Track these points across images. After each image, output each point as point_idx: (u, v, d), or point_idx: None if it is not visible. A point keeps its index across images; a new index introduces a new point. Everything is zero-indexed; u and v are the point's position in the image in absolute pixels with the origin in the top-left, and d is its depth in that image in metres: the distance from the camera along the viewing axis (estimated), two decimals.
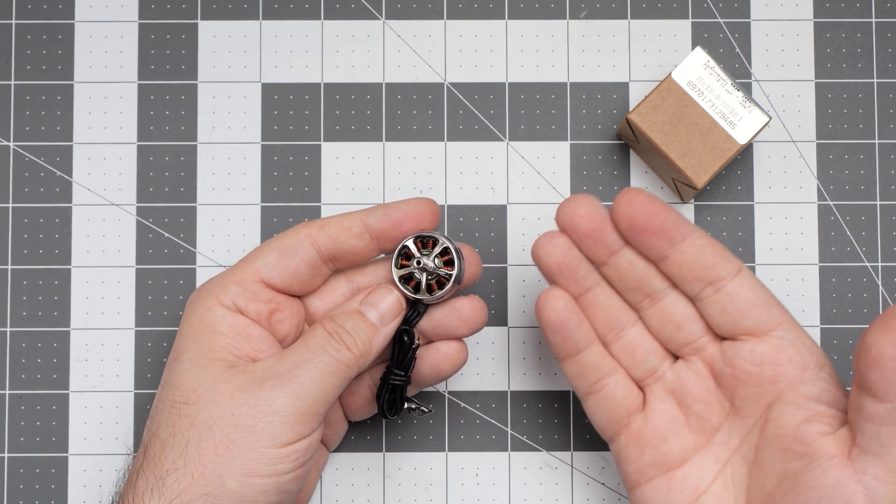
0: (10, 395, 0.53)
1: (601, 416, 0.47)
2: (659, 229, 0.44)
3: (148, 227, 0.54)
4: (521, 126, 0.55)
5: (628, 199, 0.44)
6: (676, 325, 0.46)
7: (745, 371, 0.44)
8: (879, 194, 0.54)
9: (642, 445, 0.46)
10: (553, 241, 0.45)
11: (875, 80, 0.55)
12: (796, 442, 0.43)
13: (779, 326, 0.44)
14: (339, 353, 0.45)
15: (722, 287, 0.44)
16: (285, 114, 0.55)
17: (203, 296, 0.46)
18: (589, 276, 0.46)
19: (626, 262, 0.45)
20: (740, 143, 0.50)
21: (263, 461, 0.43)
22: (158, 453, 0.44)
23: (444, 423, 0.54)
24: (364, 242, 0.47)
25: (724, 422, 0.46)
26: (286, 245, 0.47)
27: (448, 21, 0.55)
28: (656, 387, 0.47)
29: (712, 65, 0.51)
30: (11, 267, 0.54)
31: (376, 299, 0.47)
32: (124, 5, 0.55)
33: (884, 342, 0.39)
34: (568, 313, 0.46)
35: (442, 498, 0.53)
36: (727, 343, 0.45)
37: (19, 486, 0.53)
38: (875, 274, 0.54)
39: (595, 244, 0.45)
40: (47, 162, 0.54)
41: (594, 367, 0.46)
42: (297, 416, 0.44)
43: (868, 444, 0.41)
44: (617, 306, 0.46)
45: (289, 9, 0.55)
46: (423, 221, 0.47)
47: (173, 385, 0.45)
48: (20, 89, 0.55)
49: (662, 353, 0.47)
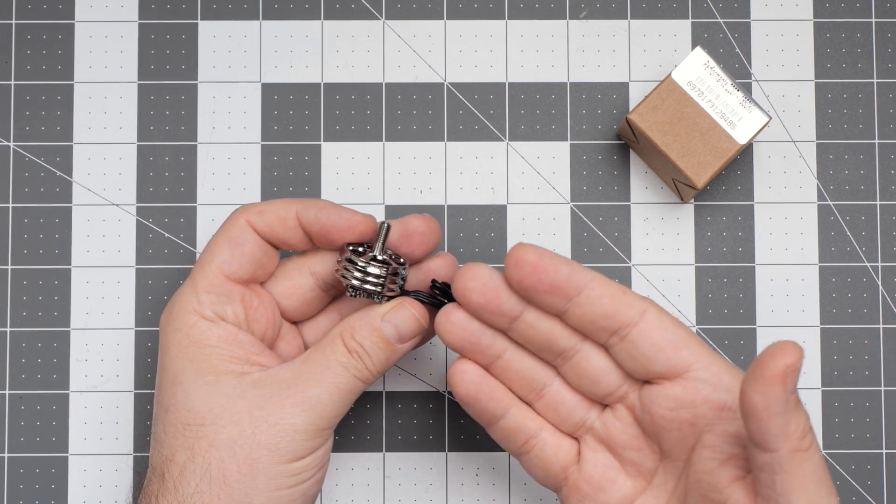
0: (10, 395, 0.53)
1: (537, 475, 0.47)
2: (549, 287, 0.43)
3: (148, 227, 0.54)
4: (521, 126, 0.55)
5: (515, 259, 0.43)
6: (592, 379, 0.45)
7: (663, 416, 0.43)
8: (879, 194, 0.54)
9: (581, 497, 0.46)
10: (450, 318, 0.45)
11: (875, 80, 0.55)
12: (711, 489, 0.42)
13: (691, 367, 0.43)
14: (358, 373, 0.45)
15: (626, 334, 0.43)
16: (285, 114, 0.55)
17: (180, 313, 0.46)
18: (495, 345, 0.45)
19: (527, 326, 0.44)
20: (740, 143, 0.50)
21: (286, 475, 0.44)
22: (178, 478, 0.44)
23: (443, 423, 0.54)
24: (298, 236, 0.47)
25: (659, 465, 0.45)
26: (232, 236, 0.46)
27: (448, 21, 0.55)
28: (588, 437, 0.46)
29: (712, 65, 0.51)
30: (11, 267, 0.54)
31: (397, 318, 0.46)
32: (124, 5, 0.55)
33: (753, 391, 0.38)
34: (476, 386, 0.45)
35: (442, 498, 0.53)
36: (645, 388, 0.44)
37: (19, 486, 0.53)
38: (875, 274, 0.54)
39: (492, 315, 0.44)
40: (47, 162, 0.54)
41: (518, 430, 0.46)
42: (315, 431, 0.44)
43: (767, 493, 0.40)
44: (531, 367, 0.46)
45: (289, 9, 0.55)
46: (349, 235, 0.46)
47: (182, 407, 0.45)
48: (20, 89, 0.55)
49: (587, 404, 0.46)
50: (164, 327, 0.46)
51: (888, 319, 0.54)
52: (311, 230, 0.47)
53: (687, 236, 0.54)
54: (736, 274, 0.54)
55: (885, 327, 0.54)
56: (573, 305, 0.43)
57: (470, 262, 0.44)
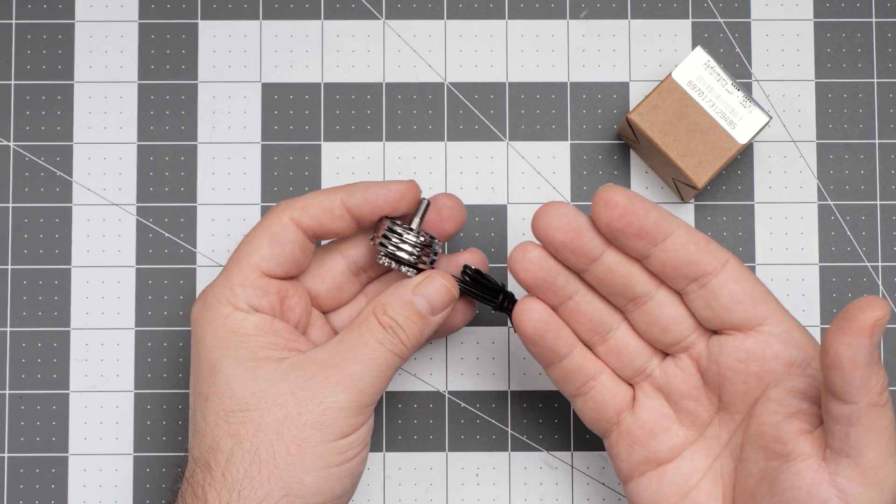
0: (10, 395, 0.53)
1: (590, 417, 0.47)
2: (638, 230, 0.43)
3: (148, 227, 0.54)
4: (521, 126, 0.55)
5: (605, 200, 0.43)
6: (662, 327, 0.45)
7: (730, 367, 0.44)
8: (879, 194, 0.54)
9: (631, 442, 0.46)
10: (527, 255, 0.45)
11: (875, 80, 0.55)
12: (775, 441, 0.42)
13: (766, 321, 0.44)
14: (395, 348, 0.46)
15: (706, 283, 0.44)
16: (285, 114, 0.55)
17: (214, 304, 0.46)
18: (568, 285, 0.45)
19: (605, 269, 0.44)
20: (740, 142, 0.50)
21: (334, 452, 0.44)
22: (225, 466, 0.44)
23: (444, 423, 0.54)
24: (345, 223, 0.47)
25: (715, 417, 0.45)
26: (274, 233, 0.46)
27: (448, 21, 0.55)
28: (645, 384, 0.46)
29: (712, 64, 0.51)
30: (11, 267, 0.54)
31: (427, 290, 0.46)
32: (124, 5, 0.55)
33: (839, 343, 0.39)
34: (545, 325, 0.45)
35: (442, 498, 0.53)
36: (714, 339, 0.45)
37: (19, 486, 0.53)
38: (875, 274, 0.54)
39: (572, 254, 0.44)
40: (47, 162, 0.54)
41: (578, 371, 0.46)
42: (359, 408, 0.45)
43: (839, 445, 0.40)
44: (600, 311, 0.46)
45: (289, 9, 0.55)
46: (400, 206, 0.47)
47: (223, 394, 0.45)
48: (20, 89, 0.55)
49: (650, 351, 0.46)
50: (198, 318, 0.46)
51: (888, 319, 0.54)
52: (360, 212, 0.47)
53: None
54: None
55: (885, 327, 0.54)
56: (658, 250, 0.43)
57: (551, 201, 0.44)
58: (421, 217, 0.48)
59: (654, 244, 0.43)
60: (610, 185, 0.43)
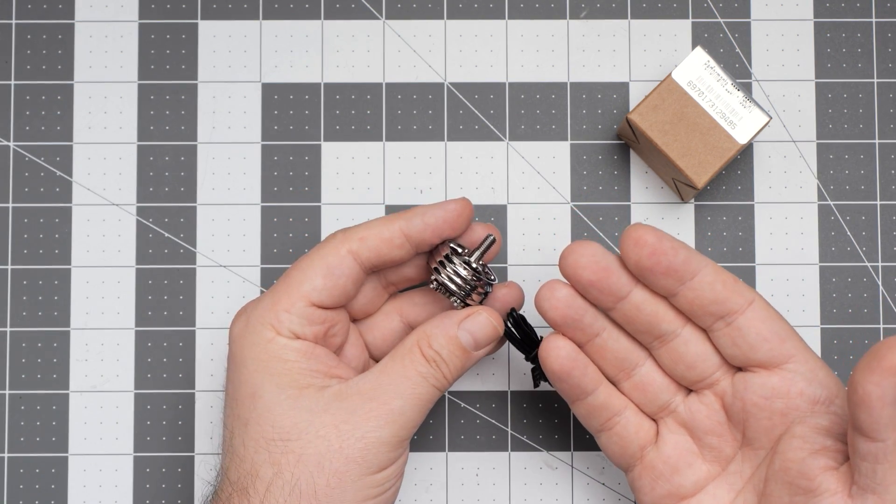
0: (10, 395, 0.53)
1: (614, 452, 0.47)
2: (667, 269, 0.43)
3: (148, 227, 0.54)
4: (521, 126, 0.55)
5: (635, 239, 0.43)
6: (688, 365, 0.45)
7: (755, 404, 0.44)
8: (879, 194, 0.54)
9: (655, 477, 0.46)
10: (555, 294, 0.45)
11: (875, 80, 0.55)
12: (801, 477, 0.42)
13: (791, 359, 0.44)
14: (437, 382, 0.46)
15: (733, 321, 0.44)
16: (285, 114, 0.55)
17: (257, 328, 0.46)
18: (595, 323, 0.45)
19: (633, 307, 0.44)
20: (740, 142, 0.50)
21: (372, 485, 0.45)
22: (265, 495, 0.44)
23: (444, 423, 0.54)
24: (405, 251, 0.47)
25: (738, 452, 0.46)
26: (330, 265, 0.46)
27: (448, 21, 0.55)
28: (669, 420, 0.47)
29: (712, 65, 0.51)
30: (11, 267, 0.54)
31: (473, 325, 0.46)
32: (124, 5, 0.55)
33: (868, 381, 0.39)
34: (572, 362, 0.45)
35: (442, 498, 0.53)
36: (739, 375, 0.45)
37: (19, 486, 0.53)
38: (875, 274, 0.54)
39: (600, 293, 0.44)
40: (47, 162, 0.54)
41: (603, 408, 0.46)
42: (398, 442, 0.45)
43: (866, 482, 0.40)
44: (626, 348, 0.46)
45: (289, 9, 0.55)
46: (459, 225, 0.47)
47: (264, 422, 0.44)
48: (20, 89, 0.55)
49: (674, 388, 0.46)
50: (239, 339, 0.46)
51: (888, 319, 0.54)
52: (421, 238, 0.46)
53: (687, 236, 0.54)
54: (736, 274, 0.54)
55: (885, 327, 0.54)
56: (686, 289, 0.44)
57: (579, 240, 0.44)
58: (483, 251, 0.47)
59: (682, 282, 0.44)
60: (639, 224, 0.43)
